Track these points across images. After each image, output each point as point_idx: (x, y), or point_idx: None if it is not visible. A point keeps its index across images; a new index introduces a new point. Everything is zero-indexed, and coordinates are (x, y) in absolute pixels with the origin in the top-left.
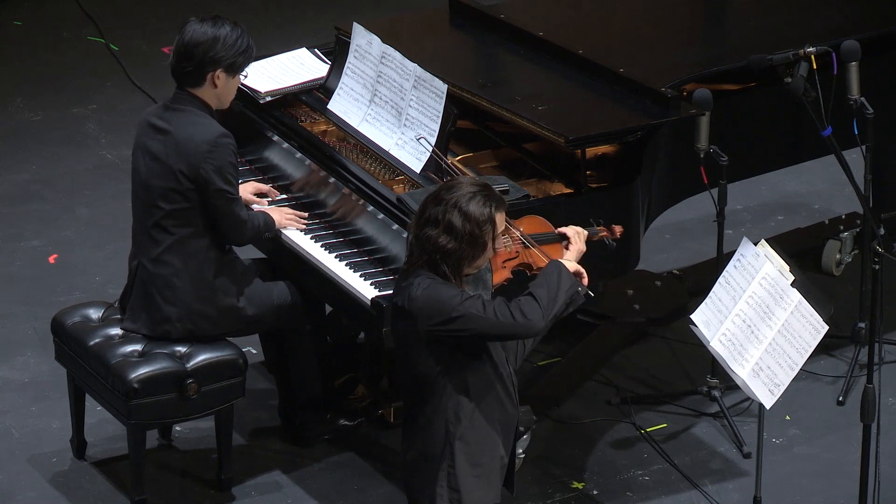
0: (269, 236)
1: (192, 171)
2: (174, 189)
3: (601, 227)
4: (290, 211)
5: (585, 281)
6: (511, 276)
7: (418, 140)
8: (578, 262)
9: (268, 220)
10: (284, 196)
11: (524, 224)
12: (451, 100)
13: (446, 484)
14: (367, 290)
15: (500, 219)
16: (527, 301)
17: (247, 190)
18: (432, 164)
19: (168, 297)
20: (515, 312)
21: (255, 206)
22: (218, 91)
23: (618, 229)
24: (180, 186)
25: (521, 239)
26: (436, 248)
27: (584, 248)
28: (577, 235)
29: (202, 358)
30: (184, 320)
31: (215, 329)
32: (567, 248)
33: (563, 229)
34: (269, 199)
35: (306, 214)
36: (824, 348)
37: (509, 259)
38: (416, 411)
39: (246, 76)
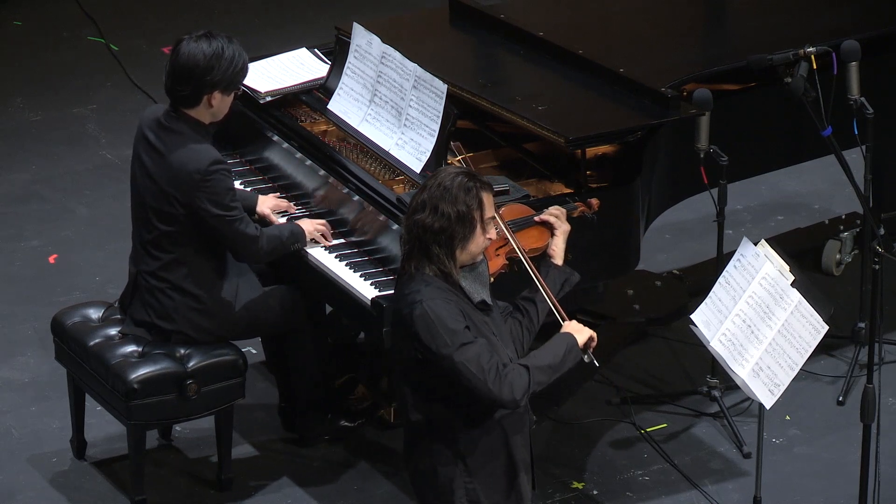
0: (299, 247)
1: (186, 198)
2: (168, 213)
3: (578, 203)
4: (322, 222)
5: (594, 344)
6: (507, 263)
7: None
8: (565, 246)
9: (294, 231)
10: (300, 208)
11: (505, 212)
12: (451, 100)
13: (466, 498)
14: (367, 290)
15: (488, 200)
16: (517, 374)
17: (266, 204)
18: (432, 164)
19: (167, 310)
20: (505, 387)
21: (277, 218)
22: (213, 110)
23: (594, 202)
24: (174, 210)
25: (503, 226)
26: (425, 229)
27: (568, 226)
28: (559, 217)
29: (202, 358)
30: (183, 332)
31: (215, 339)
32: (553, 234)
33: (542, 216)
34: (287, 213)
35: (329, 239)
36: (824, 348)
37: (501, 246)
38: (418, 423)
39: (240, 91)
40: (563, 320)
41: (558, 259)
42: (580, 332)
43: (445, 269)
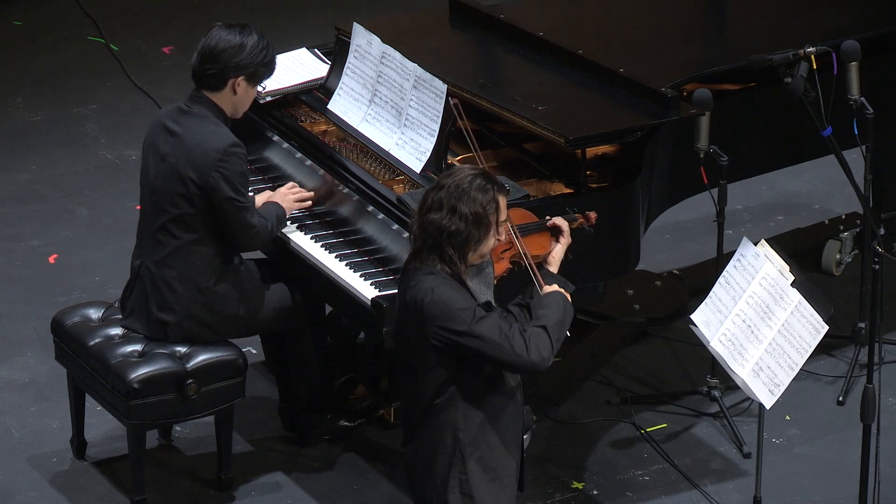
0: (284, 227)
1: (201, 178)
2: (181, 194)
3: (578, 214)
4: (293, 189)
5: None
6: (511, 266)
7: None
8: (563, 256)
9: (279, 215)
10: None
11: (511, 215)
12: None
13: (458, 490)
14: (367, 290)
15: (503, 202)
16: (538, 335)
17: (260, 202)
18: (432, 164)
19: (169, 302)
20: (532, 348)
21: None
22: (236, 99)
23: (592, 215)
24: (187, 192)
25: (511, 229)
26: (440, 230)
27: (570, 239)
28: (566, 228)
29: (202, 358)
30: (182, 325)
31: (214, 335)
32: (558, 241)
33: (554, 221)
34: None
35: (311, 194)
36: (824, 348)
37: (505, 250)
38: (421, 415)
39: (264, 88)
40: (542, 287)
41: (554, 267)
42: (561, 290)
43: (456, 268)
